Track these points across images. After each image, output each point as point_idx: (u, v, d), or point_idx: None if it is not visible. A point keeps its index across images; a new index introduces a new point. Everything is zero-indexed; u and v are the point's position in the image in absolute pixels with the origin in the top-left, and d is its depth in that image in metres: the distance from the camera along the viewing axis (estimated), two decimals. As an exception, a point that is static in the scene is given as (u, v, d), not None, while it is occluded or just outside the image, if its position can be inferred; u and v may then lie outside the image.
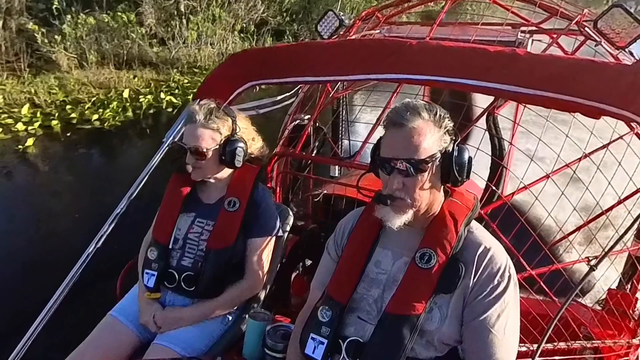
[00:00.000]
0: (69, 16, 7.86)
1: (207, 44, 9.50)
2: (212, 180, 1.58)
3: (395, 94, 2.12)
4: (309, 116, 2.45)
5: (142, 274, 1.57)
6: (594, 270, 1.19)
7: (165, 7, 9.13)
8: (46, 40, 7.53)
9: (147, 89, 7.56)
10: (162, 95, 7.24)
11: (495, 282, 1.05)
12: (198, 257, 1.54)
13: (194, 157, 1.50)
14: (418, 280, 1.07)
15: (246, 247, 1.57)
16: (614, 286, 1.89)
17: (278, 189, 2.26)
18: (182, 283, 1.51)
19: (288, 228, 1.80)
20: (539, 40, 2.46)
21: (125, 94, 7.05)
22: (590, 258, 1.46)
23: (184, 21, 9.21)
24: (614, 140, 1.77)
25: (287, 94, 2.43)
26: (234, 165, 1.55)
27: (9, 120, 5.65)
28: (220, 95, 1.78)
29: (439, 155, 1.06)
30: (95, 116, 6.20)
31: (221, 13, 9.72)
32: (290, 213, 1.83)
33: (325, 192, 2.29)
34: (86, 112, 6.30)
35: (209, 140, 1.50)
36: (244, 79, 1.82)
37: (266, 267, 1.61)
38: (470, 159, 1.11)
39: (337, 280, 1.18)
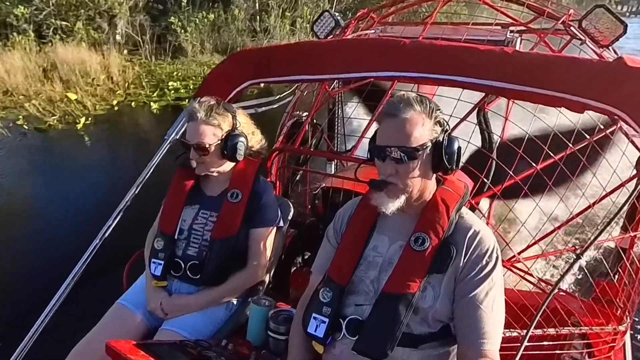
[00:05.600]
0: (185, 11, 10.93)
1: (294, 35, 12.30)
2: (214, 174, 1.64)
3: (390, 92, 2.19)
4: (307, 113, 2.51)
5: (149, 264, 1.63)
6: (580, 259, 1.24)
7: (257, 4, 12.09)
8: (181, 32, 10.51)
9: None
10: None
11: (484, 262, 1.12)
12: (203, 247, 1.60)
13: (197, 153, 1.56)
14: (413, 261, 1.15)
15: (249, 237, 1.63)
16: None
17: (278, 183, 2.32)
18: (188, 271, 1.58)
19: (288, 220, 1.86)
20: (527, 40, 2.54)
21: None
22: (576, 247, 1.54)
23: (272, 16, 12.11)
24: (598, 134, 1.85)
25: (285, 93, 2.49)
26: (236, 159, 1.61)
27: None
28: (220, 93, 1.82)
29: (429, 144, 1.13)
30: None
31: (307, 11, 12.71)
32: (291, 206, 1.89)
33: (323, 185, 2.35)
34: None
35: (211, 136, 1.56)
36: (243, 78, 1.87)
37: (268, 256, 1.67)
38: (459, 148, 1.18)
39: (338, 264, 1.25)
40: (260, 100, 2.13)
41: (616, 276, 1.90)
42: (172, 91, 8.66)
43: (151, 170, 1.77)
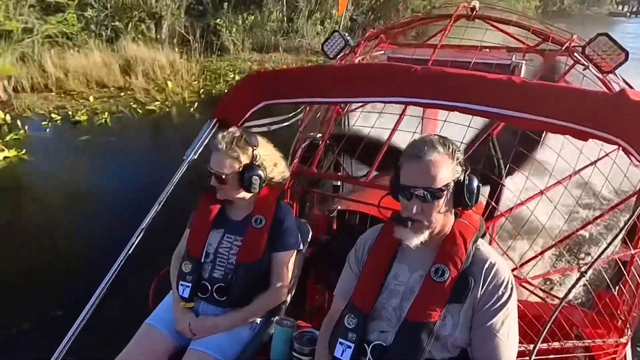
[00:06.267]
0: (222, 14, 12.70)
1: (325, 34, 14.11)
2: (237, 200, 1.73)
3: (401, 117, 2.25)
4: (320, 135, 2.58)
5: (176, 286, 1.71)
6: (584, 276, 1.29)
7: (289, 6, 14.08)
8: (225, 32, 12.48)
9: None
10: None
11: (500, 293, 1.21)
12: (228, 270, 1.68)
13: (216, 181, 1.66)
14: (433, 292, 1.23)
15: (271, 260, 1.71)
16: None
17: (294, 204, 2.40)
18: (214, 294, 1.66)
19: (307, 242, 1.95)
20: (531, 60, 2.62)
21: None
22: (580, 265, 1.61)
23: (302, 18, 14.22)
24: (601, 158, 1.93)
25: (296, 112, 2.56)
26: (250, 191, 1.69)
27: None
28: (236, 114, 1.91)
29: (452, 184, 1.22)
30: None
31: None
32: (309, 228, 1.96)
33: (338, 207, 2.40)
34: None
35: (229, 167, 1.64)
36: (257, 99, 1.93)
37: (289, 278, 1.75)
38: (479, 186, 1.27)
39: (361, 292, 1.34)
40: (273, 119, 2.20)
41: (617, 288, 1.94)
42: (236, 82, 10.01)
43: (172, 188, 1.83)
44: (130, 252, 1.71)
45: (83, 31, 10.13)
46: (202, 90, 9.88)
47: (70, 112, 7.99)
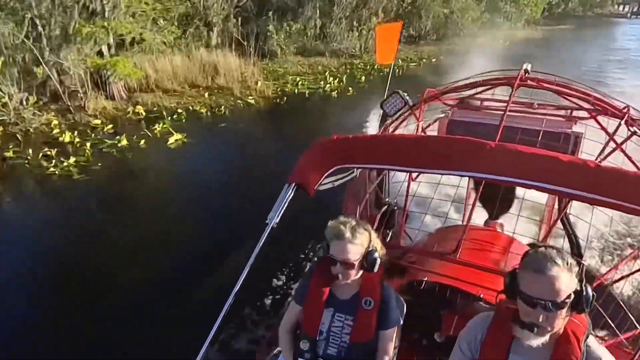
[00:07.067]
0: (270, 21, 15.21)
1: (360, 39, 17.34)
2: (348, 282, 1.81)
3: (478, 191, 2.33)
4: (396, 200, 2.67)
5: None
6: None
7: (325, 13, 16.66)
8: (276, 37, 15.13)
9: (337, 70, 15.27)
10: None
11: None
12: (341, 348, 1.81)
13: (342, 267, 1.75)
14: None
15: (379, 337, 1.83)
16: None
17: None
18: None
19: (404, 314, 1.99)
20: (589, 125, 2.83)
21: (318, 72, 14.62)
22: None
23: (339, 26, 16.87)
24: None
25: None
26: (373, 271, 1.80)
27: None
28: (312, 177, 2.00)
29: (572, 295, 1.35)
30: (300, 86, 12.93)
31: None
32: (404, 303, 1.95)
33: (426, 279, 2.38)
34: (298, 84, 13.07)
35: (355, 253, 1.75)
36: (331, 163, 2.03)
37: (393, 352, 1.88)
38: (594, 295, 1.39)
39: None
40: (337, 176, 2.21)
41: None
42: (299, 82, 13.14)
43: (255, 254, 1.95)
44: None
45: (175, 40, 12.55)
46: (278, 88, 12.31)
47: (190, 107, 10.34)
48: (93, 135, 8.35)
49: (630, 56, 20.62)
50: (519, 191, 3.15)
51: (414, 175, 3.07)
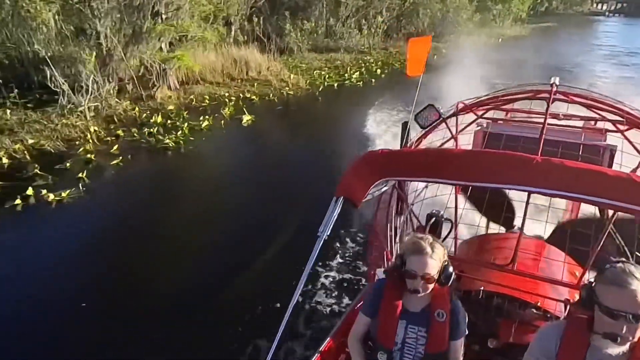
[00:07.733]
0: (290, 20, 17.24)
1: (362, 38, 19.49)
2: (423, 295, 1.87)
3: (527, 205, 2.32)
4: (443, 210, 2.81)
5: None
6: None
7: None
8: (294, 35, 17.10)
9: (353, 65, 16.96)
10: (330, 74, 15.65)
11: None
12: (416, 358, 1.89)
13: (422, 281, 1.83)
14: None
15: (450, 348, 1.91)
16: None
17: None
18: None
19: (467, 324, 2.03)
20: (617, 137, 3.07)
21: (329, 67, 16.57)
22: None
23: (346, 25, 19.06)
24: None
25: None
26: (447, 285, 1.90)
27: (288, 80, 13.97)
28: (359, 190, 2.08)
29: None
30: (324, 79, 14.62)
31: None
32: (466, 314, 1.98)
33: (482, 288, 2.45)
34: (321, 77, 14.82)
35: (434, 268, 1.84)
36: (377, 176, 2.11)
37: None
38: None
39: None
40: (378, 186, 2.25)
41: None
42: (326, 76, 14.76)
43: (308, 270, 2.00)
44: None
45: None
46: (307, 80, 14.01)
47: (241, 94, 12.14)
48: (176, 118, 9.88)
49: (608, 53, 22.77)
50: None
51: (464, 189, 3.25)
